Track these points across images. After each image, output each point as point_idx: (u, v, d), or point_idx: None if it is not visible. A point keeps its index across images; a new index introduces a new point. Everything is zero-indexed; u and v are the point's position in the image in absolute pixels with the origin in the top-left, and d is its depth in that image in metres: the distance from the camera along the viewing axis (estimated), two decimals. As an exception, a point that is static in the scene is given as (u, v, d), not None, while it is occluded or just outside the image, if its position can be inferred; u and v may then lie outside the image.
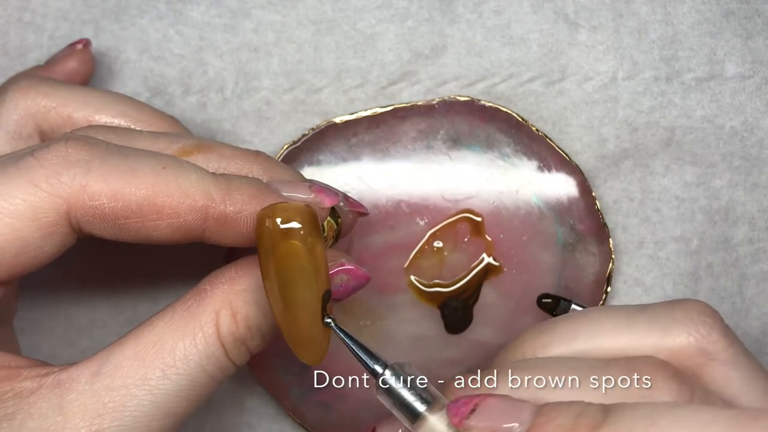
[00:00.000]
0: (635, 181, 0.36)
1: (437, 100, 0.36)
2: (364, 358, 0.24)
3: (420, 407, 0.23)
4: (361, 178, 0.36)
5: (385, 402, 0.24)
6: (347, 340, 0.25)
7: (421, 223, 0.36)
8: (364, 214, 0.30)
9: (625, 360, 0.24)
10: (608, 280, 0.35)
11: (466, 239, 0.35)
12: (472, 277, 0.35)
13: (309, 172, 0.35)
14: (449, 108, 0.36)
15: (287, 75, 0.37)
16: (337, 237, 0.29)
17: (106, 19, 0.37)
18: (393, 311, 0.35)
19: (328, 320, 0.25)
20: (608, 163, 0.36)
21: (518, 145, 0.36)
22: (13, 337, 0.31)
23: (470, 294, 0.35)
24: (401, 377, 0.24)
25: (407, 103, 0.36)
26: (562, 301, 0.34)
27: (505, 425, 0.22)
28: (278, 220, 0.24)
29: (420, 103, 0.36)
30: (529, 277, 0.35)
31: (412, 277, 0.35)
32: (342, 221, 0.29)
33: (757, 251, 0.36)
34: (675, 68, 0.36)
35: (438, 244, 0.35)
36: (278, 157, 0.35)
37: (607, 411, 0.21)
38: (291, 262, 0.24)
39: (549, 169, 0.35)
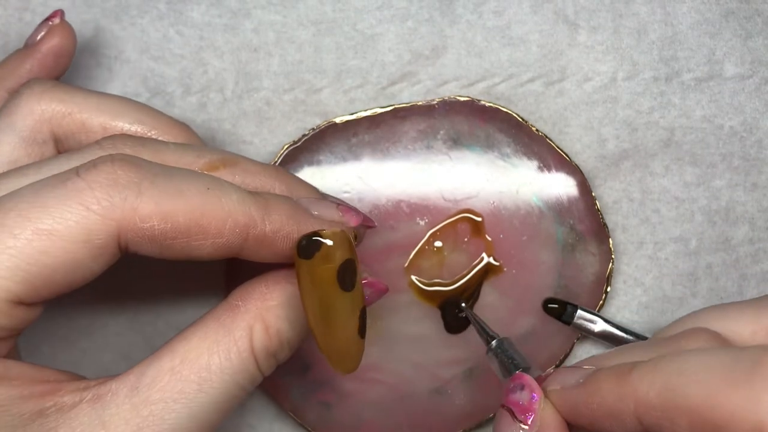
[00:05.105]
0: (635, 181, 0.36)
1: (437, 100, 0.36)
2: (484, 328, 0.32)
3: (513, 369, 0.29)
4: (361, 178, 0.36)
5: (492, 362, 0.30)
6: (474, 319, 0.33)
7: (422, 223, 0.36)
8: (372, 226, 0.31)
9: (674, 338, 0.26)
10: (608, 280, 0.35)
11: (466, 239, 0.35)
12: (472, 277, 0.35)
13: (309, 172, 0.36)
14: (449, 108, 0.36)
15: (287, 75, 0.37)
16: None
17: (106, 19, 0.37)
18: (393, 311, 0.35)
19: (463, 304, 0.32)
20: (608, 163, 0.36)
21: (518, 145, 0.36)
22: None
23: (470, 294, 0.35)
24: (504, 348, 0.30)
25: (407, 103, 0.36)
26: (568, 306, 0.34)
27: (569, 378, 0.26)
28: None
29: (420, 103, 0.36)
30: (529, 277, 0.35)
31: (413, 277, 0.35)
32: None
33: (757, 251, 0.36)
34: (674, 68, 0.36)
35: (438, 244, 0.35)
36: (278, 157, 0.35)
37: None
38: (332, 286, 0.26)
39: (549, 169, 0.36)
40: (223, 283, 0.35)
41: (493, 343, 0.31)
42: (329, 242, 0.25)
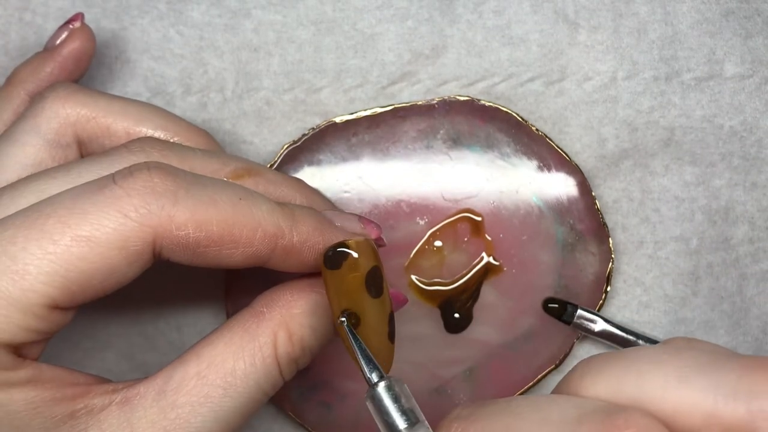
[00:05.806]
0: (635, 181, 0.36)
1: (437, 99, 0.36)
2: (362, 364, 0.25)
3: (401, 424, 0.24)
4: (361, 177, 0.36)
5: (371, 409, 0.25)
6: (354, 343, 0.26)
7: (421, 222, 0.36)
8: (383, 246, 0.32)
9: (604, 414, 0.20)
10: (608, 280, 0.35)
11: (466, 239, 0.35)
12: (472, 277, 0.35)
13: (309, 172, 0.36)
14: (449, 108, 0.36)
15: (287, 75, 0.37)
16: None
17: (106, 19, 0.37)
18: (393, 311, 0.35)
19: (342, 319, 0.26)
20: (608, 163, 0.36)
21: (518, 145, 0.36)
22: None
23: (470, 293, 0.35)
24: (393, 392, 0.25)
25: (407, 103, 0.36)
26: (568, 306, 0.34)
27: None
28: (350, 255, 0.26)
29: (420, 102, 0.36)
30: (528, 277, 0.35)
31: (413, 277, 0.35)
32: None
33: (757, 251, 0.36)
34: (674, 68, 0.36)
35: (438, 243, 0.35)
36: (278, 157, 0.35)
37: None
38: (361, 293, 0.26)
39: (549, 169, 0.36)
40: (223, 283, 0.35)
41: (381, 384, 0.25)
42: (355, 254, 0.26)
